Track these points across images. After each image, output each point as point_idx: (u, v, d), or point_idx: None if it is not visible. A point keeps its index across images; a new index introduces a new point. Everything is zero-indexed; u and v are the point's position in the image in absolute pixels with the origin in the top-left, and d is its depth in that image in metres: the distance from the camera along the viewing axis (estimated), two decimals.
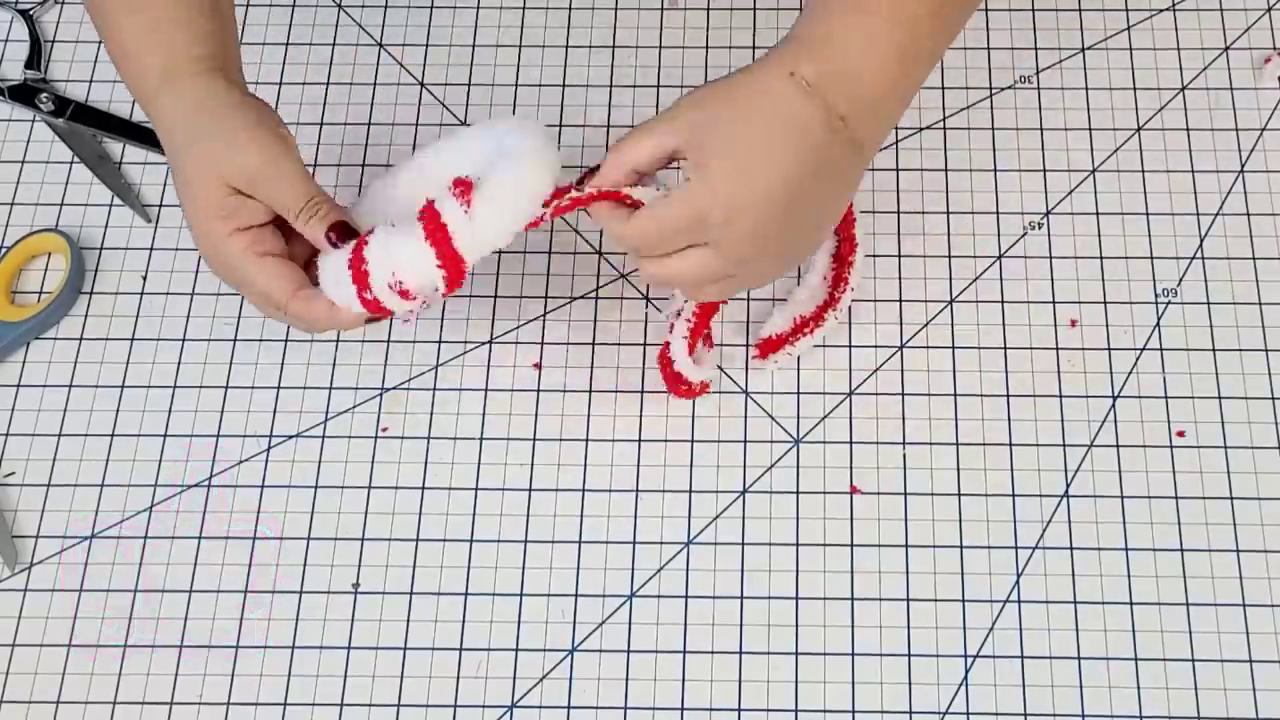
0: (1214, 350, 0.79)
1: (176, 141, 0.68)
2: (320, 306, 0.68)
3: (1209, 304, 0.81)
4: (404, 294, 0.66)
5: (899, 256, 0.82)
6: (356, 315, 0.68)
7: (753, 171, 0.64)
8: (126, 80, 0.71)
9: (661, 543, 0.76)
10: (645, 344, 0.80)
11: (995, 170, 0.85)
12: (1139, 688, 0.72)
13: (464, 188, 0.65)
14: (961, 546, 0.75)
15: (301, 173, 0.68)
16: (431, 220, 0.65)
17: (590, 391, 0.79)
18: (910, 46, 0.65)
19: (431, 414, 0.79)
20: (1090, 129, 0.86)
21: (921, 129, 0.86)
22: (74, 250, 0.82)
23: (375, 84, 0.88)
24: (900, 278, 0.82)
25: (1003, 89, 0.88)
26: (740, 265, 0.67)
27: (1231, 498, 0.76)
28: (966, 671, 0.72)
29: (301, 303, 0.67)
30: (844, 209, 0.71)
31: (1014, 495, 0.76)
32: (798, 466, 0.77)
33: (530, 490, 0.77)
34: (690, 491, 0.77)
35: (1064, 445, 0.77)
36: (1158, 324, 0.80)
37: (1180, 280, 0.81)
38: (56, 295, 0.81)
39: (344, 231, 0.67)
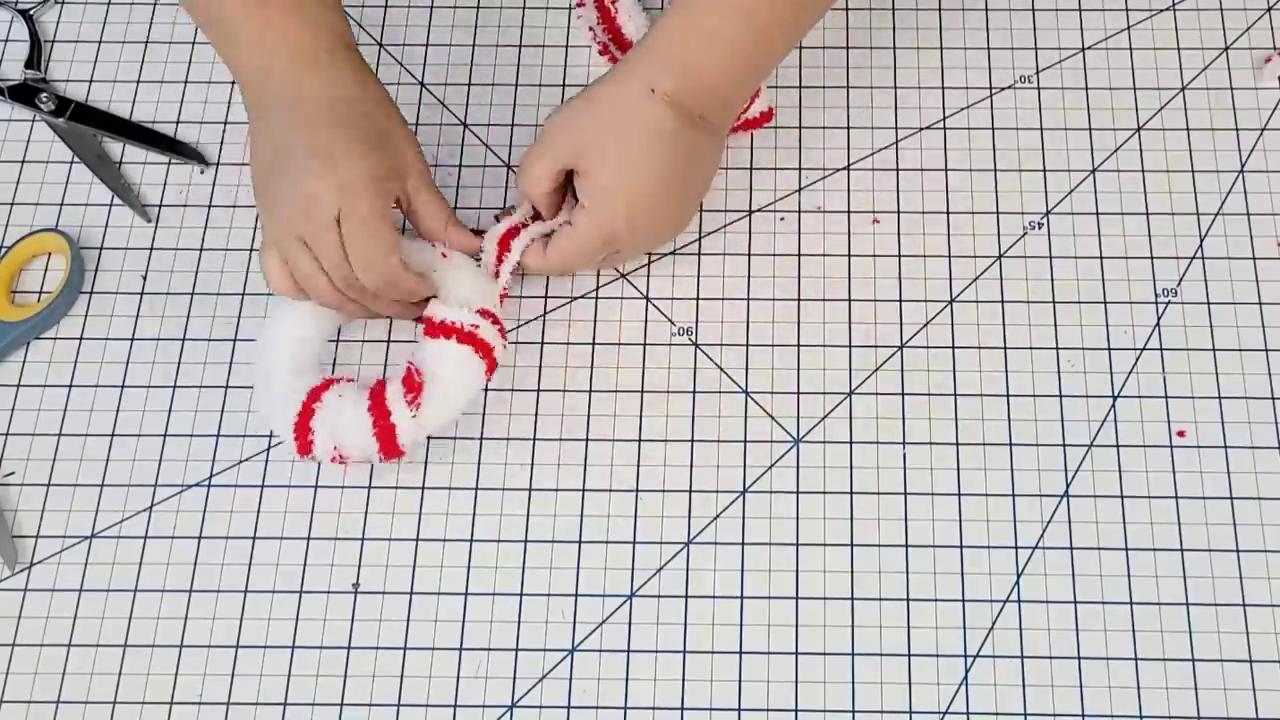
0: (1214, 350, 0.79)
1: (349, 107, 0.74)
2: (410, 275, 0.76)
3: (1209, 304, 0.81)
4: (340, 459, 0.74)
5: (899, 256, 0.82)
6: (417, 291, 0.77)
7: (640, 183, 0.75)
8: (267, 47, 0.74)
9: (661, 543, 0.76)
10: (645, 344, 0.80)
11: (995, 170, 0.85)
12: (1139, 688, 0.72)
13: (413, 391, 0.74)
14: (961, 546, 0.75)
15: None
16: (379, 411, 0.74)
17: (590, 391, 0.79)
18: (749, 43, 0.75)
19: None
20: (1090, 129, 0.86)
21: (921, 129, 0.86)
22: (74, 250, 0.82)
23: None
24: (900, 278, 0.82)
25: (1003, 89, 0.88)
26: (637, 251, 0.81)
27: (1231, 498, 0.76)
28: (966, 671, 0.72)
29: (399, 268, 0.74)
30: (710, 182, 0.80)
31: (1014, 495, 0.76)
32: (798, 466, 0.77)
33: (530, 490, 0.77)
34: (690, 491, 0.77)
35: (1064, 445, 0.77)
36: (1158, 324, 0.80)
37: (1180, 280, 0.81)
38: (56, 295, 0.81)
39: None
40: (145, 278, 0.83)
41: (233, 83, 0.88)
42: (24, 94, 0.88)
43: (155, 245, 0.84)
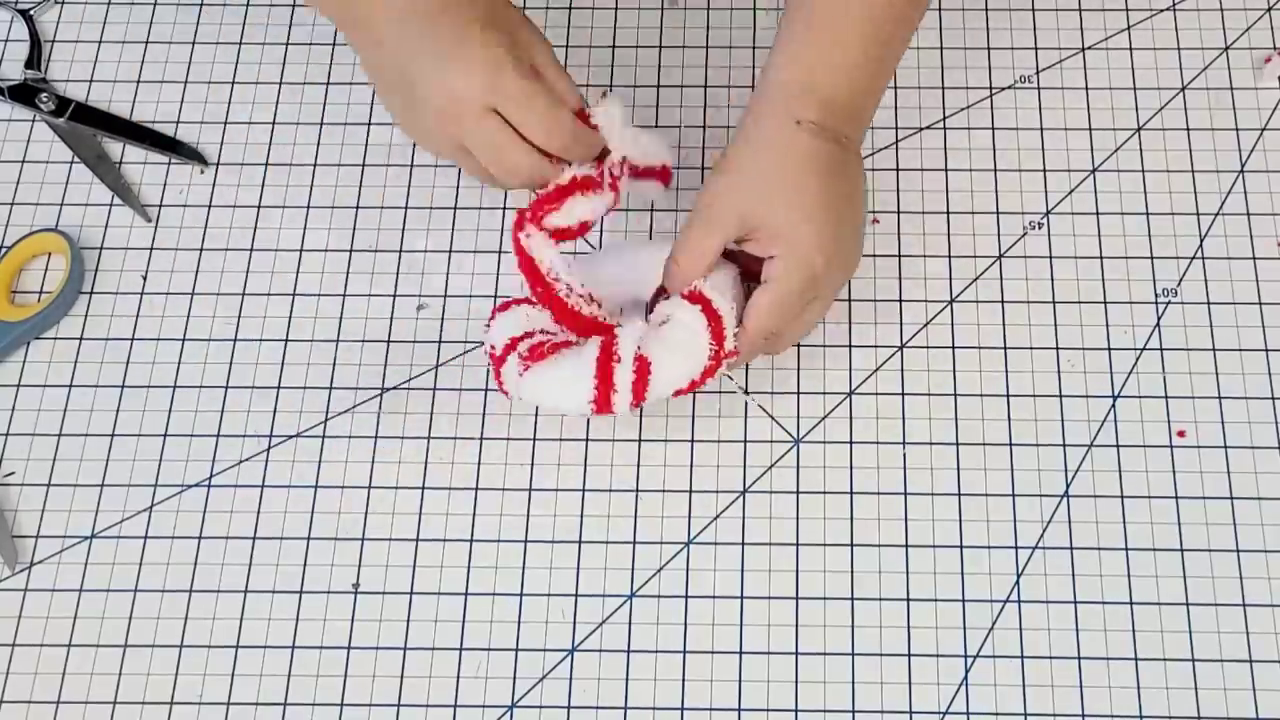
0: (1214, 350, 0.80)
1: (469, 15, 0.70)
2: (589, 132, 0.73)
3: (1209, 304, 0.81)
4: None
5: (899, 256, 0.82)
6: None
7: (817, 215, 0.71)
8: None
9: (661, 543, 0.76)
10: None
11: (995, 170, 0.85)
12: (1139, 688, 0.72)
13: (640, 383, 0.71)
14: (961, 546, 0.75)
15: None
16: (604, 365, 0.71)
17: None
18: (877, 49, 0.73)
19: (431, 414, 0.79)
20: (1090, 129, 0.86)
21: (921, 129, 0.86)
22: (74, 250, 0.82)
23: None
24: (900, 278, 0.82)
25: (1003, 89, 0.88)
26: (837, 292, 0.76)
27: (1231, 498, 0.76)
28: (966, 671, 0.72)
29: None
30: (863, 195, 0.77)
31: (1014, 495, 0.76)
32: (798, 466, 0.77)
33: (530, 490, 0.77)
34: (690, 491, 0.77)
35: (1064, 445, 0.77)
36: (1158, 324, 0.80)
37: (1180, 280, 0.81)
38: (56, 295, 0.81)
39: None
40: (145, 278, 0.83)
41: (233, 82, 0.88)
42: (24, 94, 0.88)
43: (155, 245, 0.84)
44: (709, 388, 0.79)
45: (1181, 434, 0.77)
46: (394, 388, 0.80)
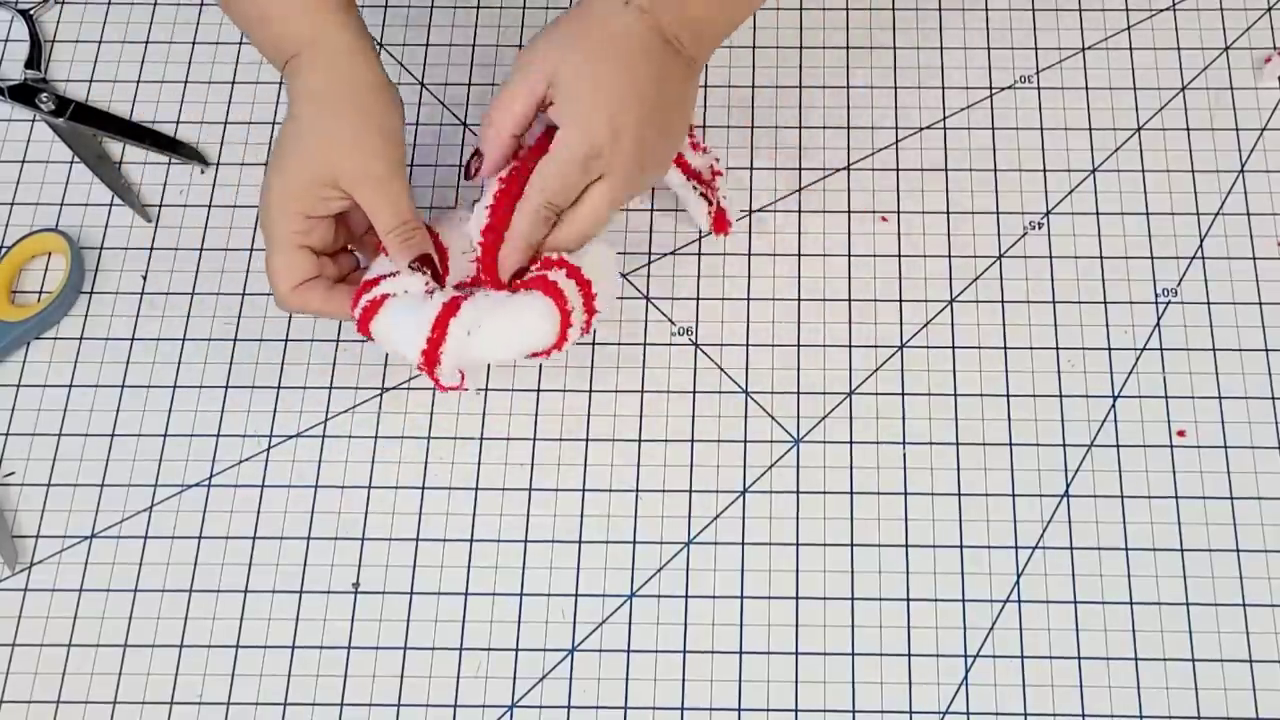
0: (1214, 350, 0.80)
1: (305, 110, 0.71)
2: (315, 299, 0.73)
3: (1209, 304, 0.81)
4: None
5: (899, 256, 0.82)
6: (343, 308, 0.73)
7: (617, 92, 0.70)
8: (265, 32, 0.73)
9: (661, 543, 0.76)
10: (645, 344, 0.80)
11: (995, 170, 0.85)
12: (1139, 688, 0.72)
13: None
14: (961, 546, 0.75)
15: (406, 193, 0.73)
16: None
17: (590, 391, 0.79)
18: None
19: (431, 414, 0.79)
20: (1090, 129, 0.86)
21: (921, 129, 0.86)
22: (74, 250, 0.82)
23: None
24: (900, 278, 0.82)
25: (1003, 89, 0.88)
26: (630, 182, 0.73)
27: (1231, 498, 0.76)
28: (966, 671, 0.72)
29: (299, 296, 0.73)
30: (688, 120, 0.77)
31: (1014, 495, 0.76)
32: (798, 466, 0.77)
33: (530, 490, 0.77)
34: (690, 491, 0.77)
35: (1064, 445, 0.77)
36: (1158, 324, 0.80)
37: (1180, 280, 0.81)
38: (56, 295, 0.81)
39: (428, 263, 0.73)
40: (145, 278, 0.83)
41: (233, 82, 0.88)
42: (24, 94, 0.88)
43: (155, 245, 0.84)
44: (709, 388, 0.79)
45: (1181, 434, 0.77)
46: (394, 388, 0.80)
